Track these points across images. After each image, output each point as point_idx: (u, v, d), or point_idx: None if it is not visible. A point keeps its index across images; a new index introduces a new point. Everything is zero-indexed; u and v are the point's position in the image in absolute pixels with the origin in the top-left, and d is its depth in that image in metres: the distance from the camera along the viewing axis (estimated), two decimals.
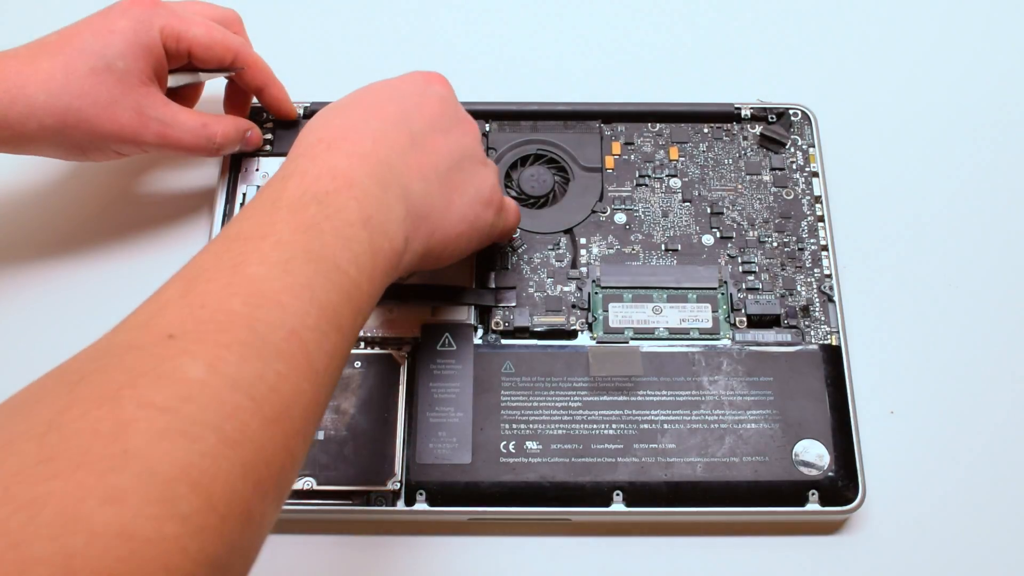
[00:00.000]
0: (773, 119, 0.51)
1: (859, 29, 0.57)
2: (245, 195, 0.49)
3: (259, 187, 0.48)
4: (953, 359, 0.47)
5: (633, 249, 0.47)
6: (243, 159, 0.50)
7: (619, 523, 0.43)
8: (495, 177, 0.41)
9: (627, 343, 0.45)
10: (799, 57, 0.56)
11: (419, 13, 0.58)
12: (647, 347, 0.45)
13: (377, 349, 0.44)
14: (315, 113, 0.37)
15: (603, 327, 0.45)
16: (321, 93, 0.50)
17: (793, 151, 0.50)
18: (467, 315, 0.45)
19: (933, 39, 0.57)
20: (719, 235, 0.48)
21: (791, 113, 0.51)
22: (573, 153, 0.50)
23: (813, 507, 0.41)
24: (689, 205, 0.49)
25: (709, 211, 0.48)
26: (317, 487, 0.41)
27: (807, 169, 0.49)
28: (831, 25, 0.57)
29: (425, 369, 0.44)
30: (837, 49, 0.56)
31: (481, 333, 0.45)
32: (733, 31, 0.57)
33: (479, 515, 0.42)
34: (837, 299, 0.46)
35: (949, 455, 0.45)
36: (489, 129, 0.50)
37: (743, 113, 0.51)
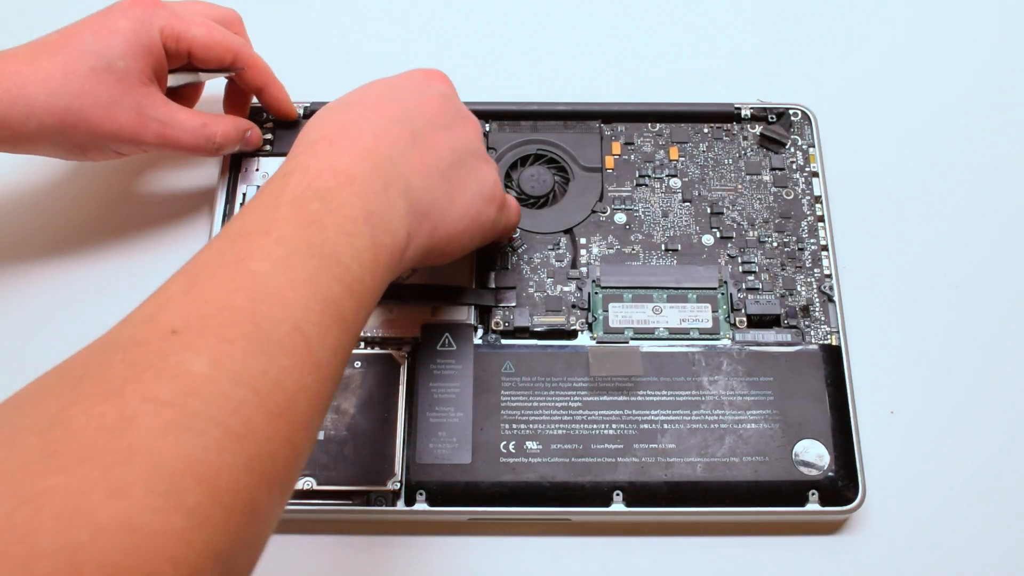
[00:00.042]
0: (773, 119, 0.51)
1: (859, 29, 0.57)
2: (245, 195, 0.49)
3: (259, 187, 0.48)
4: (953, 359, 0.47)
5: (633, 249, 0.47)
6: (243, 159, 0.50)
7: (619, 523, 0.43)
8: (497, 174, 0.41)
9: (627, 343, 0.45)
10: (799, 57, 0.56)
11: (419, 13, 0.58)
12: (647, 347, 0.45)
13: (377, 349, 0.44)
14: (315, 113, 0.37)
15: (603, 327, 0.45)
16: (321, 93, 0.50)
17: (793, 151, 0.50)
18: (467, 315, 0.45)
19: (933, 39, 0.57)
20: (719, 235, 0.48)
21: (791, 113, 0.51)
22: (573, 153, 0.50)
23: (813, 507, 0.42)
24: (689, 205, 0.49)
25: (709, 211, 0.48)
26: (317, 487, 0.41)
27: (807, 169, 0.49)
28: (831, 25, 0.57)
29: (425, 369, 0.44)
30: (837, 49, 0.56)
31: (481, 333, 0.45)
32: (733, 31, 0.57)
33: (479, 515, 0.42)
34: (837, 299, 0.46)
35: (949, 455, 0.45)
36: (489, 129, 0.50)
37: (743, 113, 0.51)
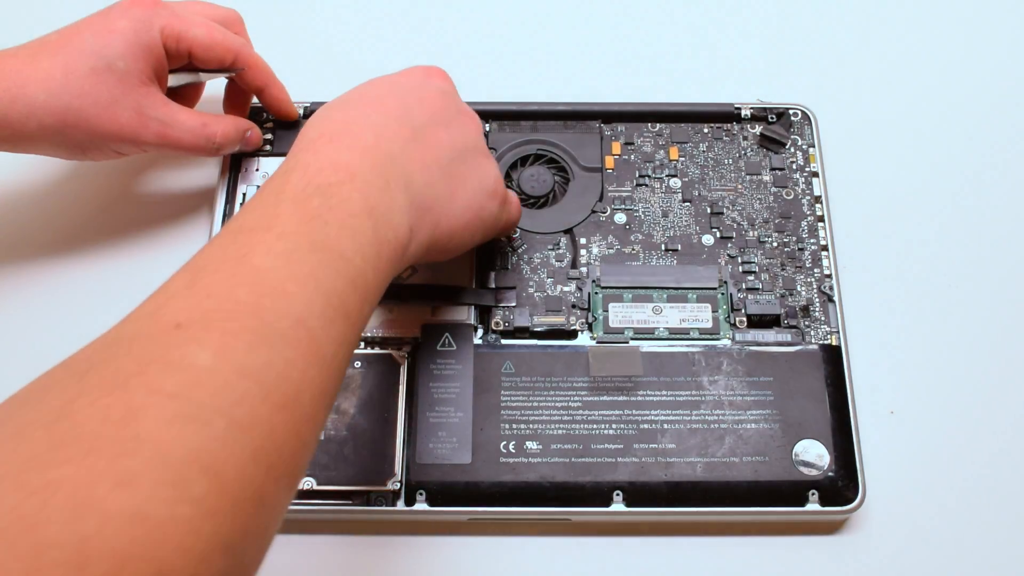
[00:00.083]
0: (773, 119, 0.51)
1: (859, 29, 0.57)
2: (245, 195, 0.49)
3: (259, 187, 0.48)
4: (953, 359, 0.47)
5: (633, 249, 0.47)
6: (243, 159, 0.50)
7: (619, 523, 0.43)
8: (498, 170, 0.41)
9: (627, 343, 0.45)
10: (799, 57, 0.56)
11: (419, 13, 0.58)
12: (647, 347, 0.45)
13: (377, 349, 0.44)
14: (316, 111, 0.37)
15: (603, 327, 0.45)
16: (321, 93, 0.50)
17: (793, 151, 0.50)
18: (467, 315, 0.45)
19: (934, 39, 0.57)
20: (719, 235, 0.48)
21: (791, 113, 0.51)
22: (573, 153, 0.50)
23: (813, 507, 0.42)
24: (689, 205, 0.49)
25: (709, 211, 0.48)
26: (317, 487, 0.41)
27: (807, 169, 0.49)
28: (831, 25, 0.57)
29: (425, 369, 0.44)
30: (837, 49, 0.56)
31: (481, 333, 0.45)
32: (733, 31, 0.57)
33: (479, 515, 0.42)
34: (837, 299, 0.46)
35: (949, 455, 0.45)
36: (489, 129, 0.50)
37: (743, 113, 0.51)
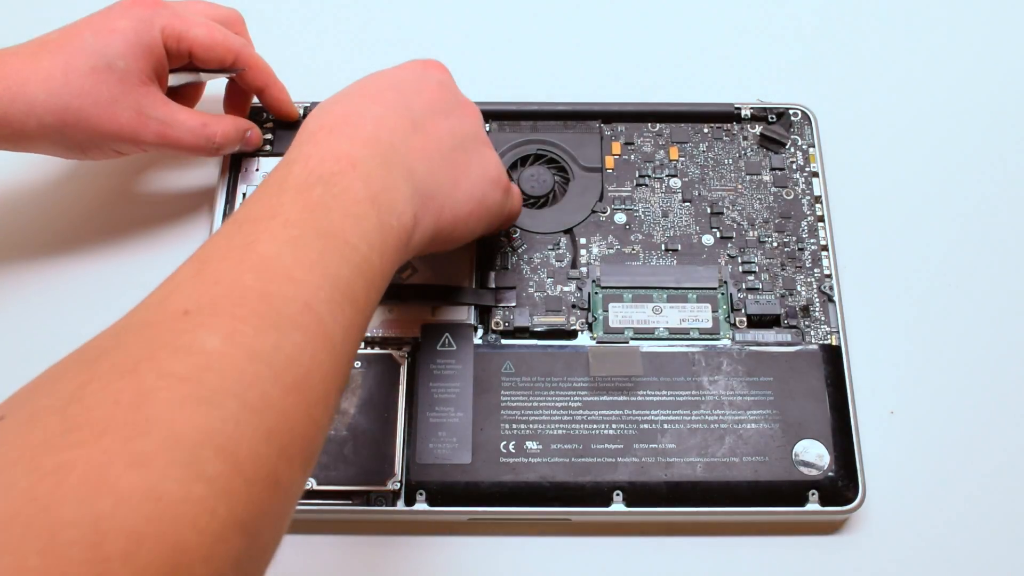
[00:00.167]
0: (773, 119, 0.51)
1: (859, 29, 0.57)
2: (245, 195, 0.49)
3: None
4: (953, 359, 0.47)
5: (633, 249, 0.47)
6: (243, 159, 0.50)
7: (619, 523, 0.43)
8: (499, 158, 0.41)
9: (627, 343, 0.45)
10: (799, 57, 0.56)
11: (419, 13, 0.58)
12: (647, 347, 0.45)
13: (377, 349, 0.44)
14: (315, 106, 0.37)
15: (603, 327, 0.45)
16: (321, 93, 0.49)
17: (793, 151, 0.50)
18: (467, 315, 0.45)
19: (933, 39, 0.57)
20: (719, 235, 0.48)
21: (791, 113, 0.51)
22: (573, 153, 0.50)
23: (813, 507, 0.42)
24: (689, 205, 0.49)
25: (709, 211, 0.48)
26: (317, 487, 0.41)
27: (807, 169, 0.49)
28: (831, 25, 0.57)
29: (425, 369, 0.44)
30: (837, 49, 0.56)
31: (481, 333, 0.45)
32: (733, 31, 0.57)
33: (479, 515, 0.42)
34: (837, 299, 0.46)
35: (949, 455, 0.45)
36: (489, 129, 0.50)
37: (743, 113, 0.51)
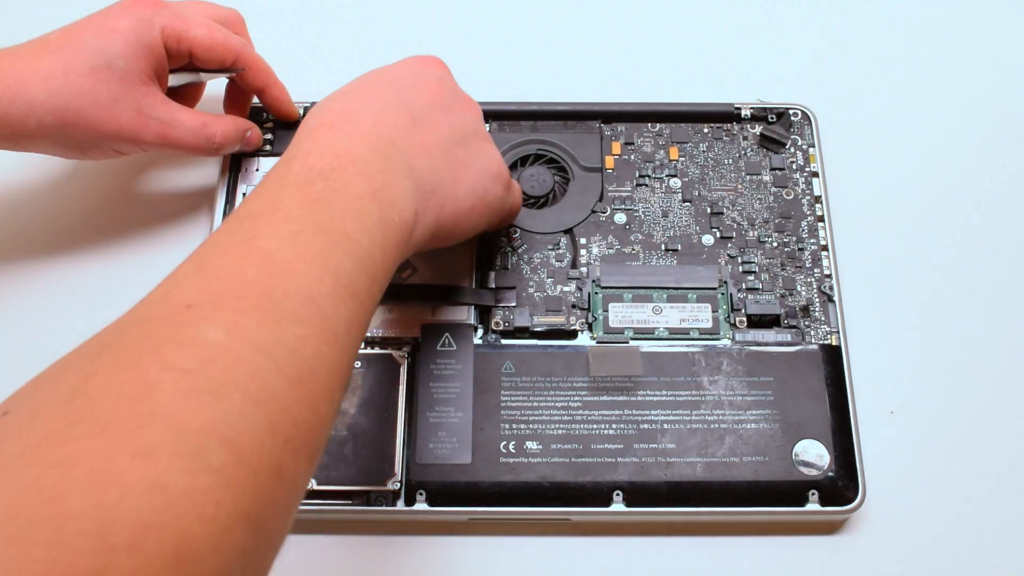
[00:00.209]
0: (773, 119, 0.51)
1: (859, 29, 0.57)
2: (245, 194, 0.49)
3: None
4: (953, 359, 0.47)
5: (633, 249, 0.47)
6: (243, 159, 0.50)
7: (619, 523, 0.43)
8: (500, 154, 0.41)
9: (627, 343, 0.45)
10: (799, 57, 0.56)
11: (419, 13, 0.58)
12: (647, 347, 0.45)
13: (377, 349, 0.44)
14: (315, 104, 0.38)
15: (603, 327, 0.45)
16: (321, 93, 0.49)
17: (793, 151, 0.50)
18: (467, 315, 0.45)
19: (933, 39, 0.57)
20: (719, 235, 0.48)
21: (791, 113, 0.51)
22: (573, 153, 0.50)
23: (813, 507, 0.42)
24: (689, 205, 0.49)
25: (709, 211, 0.48)
26: (317, 487, 0.41)
27: (807, 169, 0.49)
28: (831, 25, 0.57)
29: (425, 369, 0.44)
30: (837, 49, 0.56)
31: (481, 333, 0.45)
32: (733, 31, 0.57)
33: (479, 515, 0.42)
34: (837, 299, 0.46)
35: (949, 455, 0.45)
36: (489, 129, 0.50)
37: (743, 113, 0.51)
